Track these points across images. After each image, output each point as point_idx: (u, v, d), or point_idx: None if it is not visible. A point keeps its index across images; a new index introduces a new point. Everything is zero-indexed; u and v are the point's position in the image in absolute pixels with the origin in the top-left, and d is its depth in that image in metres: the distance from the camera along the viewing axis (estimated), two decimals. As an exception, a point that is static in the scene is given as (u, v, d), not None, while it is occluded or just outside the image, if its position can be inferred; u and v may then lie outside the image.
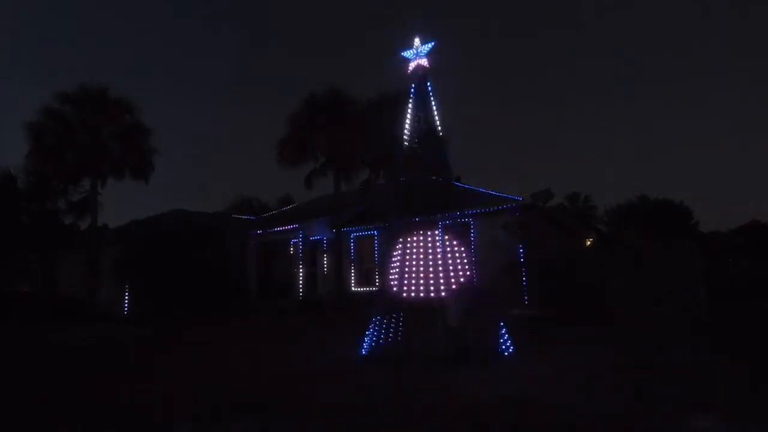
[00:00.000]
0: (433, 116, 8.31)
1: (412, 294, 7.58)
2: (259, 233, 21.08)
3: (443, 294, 7.29)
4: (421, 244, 7.77)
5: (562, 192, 40.65)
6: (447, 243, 7.64)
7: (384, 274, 8.22)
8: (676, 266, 13.89)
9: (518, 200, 16.65)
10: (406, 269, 7.73)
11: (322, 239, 20.13)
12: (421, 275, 7.57)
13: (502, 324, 7.51)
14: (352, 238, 19.85)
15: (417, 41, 8.46)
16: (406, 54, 8.55)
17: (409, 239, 7.89)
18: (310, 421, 4.70)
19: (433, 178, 8.52)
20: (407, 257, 7.79)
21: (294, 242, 19.53)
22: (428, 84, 8.41)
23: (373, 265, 19.01)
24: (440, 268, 7.43)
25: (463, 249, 7.77)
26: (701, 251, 14.79)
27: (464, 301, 7.13)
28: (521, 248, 15.95)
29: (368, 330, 7.80)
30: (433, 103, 8.34)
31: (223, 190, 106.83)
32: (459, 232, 8.21)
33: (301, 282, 18.87)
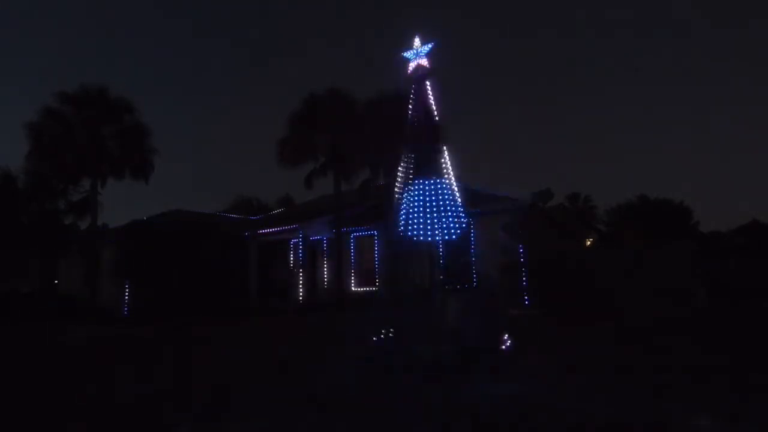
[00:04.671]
0: (433, 116, 8.30)
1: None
2: (259, 233, 21.07)
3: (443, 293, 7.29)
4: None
5: (562, 192, 40.66)
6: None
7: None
8: (675, 266, 13.91)
9: (518, 200, 16.66)
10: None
11: (322, 239, 20.12)
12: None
13: (502, 325, 7.51)
14: (352, 238, 19.84)
15: (417, 41, 8.45)
16: (406, 54, 8.54)
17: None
18: (310, 424, 4.70)
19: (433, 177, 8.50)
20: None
21: (294, 242, 19.52)
22: (428, 84, 8.41)
23: (373, 266, 19.01)
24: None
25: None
26: (701, 251, 14.81)
27: (465, 302, 7.13)
28: (521, 248, 15.95)
29: (367, 331, 7.79)
30: (433, 103, 8.34)
31: (223, 190, 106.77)
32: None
33: (301, 282, 18.86)
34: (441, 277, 7.65)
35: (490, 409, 4.89)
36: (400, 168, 8.37)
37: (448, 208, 7.64)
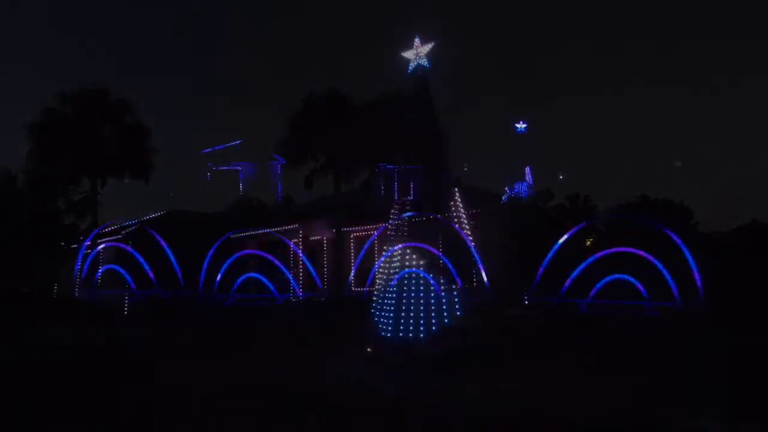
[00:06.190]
0: (433, 115, 8.32)
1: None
2: (259, 233, 21.07)
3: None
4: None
5: (562, 192, 40.58)
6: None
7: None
8: (675, 266, 13.91)
9: (518, 200, 16.66)
10: None
11: (322, 239, 20.10)
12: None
13: (501, 324, 7.52)
14: (352, 238, 19.83)
15: (417, 41, 8.47)
16: (406, 54, 8.56)
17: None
18: (310, 421, 4.70)
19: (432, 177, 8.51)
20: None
21: (294, 242, 19.52)
22: (428, 83, 8.42)
23: (373, 265, 18.99)
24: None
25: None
26: (701, 251, 14.78)
27: (465, 301, 7.14)
28: (521, 248, 15.96)
29: (367, 329, 7.80)
30: (432, 102, 8.35)
31: (223, 190, 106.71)
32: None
33: (301, 282, 18.86)
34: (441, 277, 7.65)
35: (486, 405, 4.89)
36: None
37: None
